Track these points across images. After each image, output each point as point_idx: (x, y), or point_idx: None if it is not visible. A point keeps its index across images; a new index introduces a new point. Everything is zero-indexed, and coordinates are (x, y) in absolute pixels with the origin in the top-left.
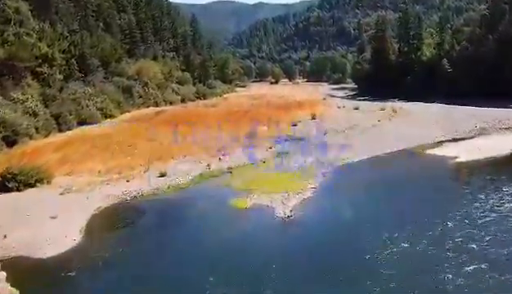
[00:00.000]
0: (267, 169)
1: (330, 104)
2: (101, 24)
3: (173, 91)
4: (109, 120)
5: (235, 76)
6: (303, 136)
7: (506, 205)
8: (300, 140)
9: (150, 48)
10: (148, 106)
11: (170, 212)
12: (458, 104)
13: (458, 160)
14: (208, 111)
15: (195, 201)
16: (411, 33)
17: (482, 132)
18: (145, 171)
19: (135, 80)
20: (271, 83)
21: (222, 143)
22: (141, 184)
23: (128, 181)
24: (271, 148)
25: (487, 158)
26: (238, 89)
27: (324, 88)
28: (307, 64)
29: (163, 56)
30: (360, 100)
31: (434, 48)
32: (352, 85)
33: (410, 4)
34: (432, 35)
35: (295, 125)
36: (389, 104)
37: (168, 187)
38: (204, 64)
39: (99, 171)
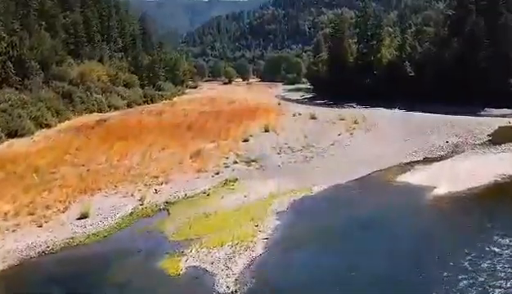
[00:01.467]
0: (210, 205)
1: (285, 111)
2: (44, 24)
3: (119, 95)
4: (44, 130)
5: (187, 77)
6: (254, 157)
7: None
8: (251, 163)
9: (97, 48)
10: (91, 112)
11: (77, 281)
12: (422, 111)
13: (436, 192)
14: (151, 121)
15: (115, 260)
16: (370, 34)
17: (456, 150)
18: (63, 211)
19: (76, 85)
20: (224, 83)
21: (162, 166)
22: (55, 230)
23: (40, 226)
24: (217, 173)
25: (469, 189)
26: (189, 90)
27: (278, 90)
28: (261, 63)
29: (111, 57)
30: (317, 104)
31: (395, 50)
32: (308, 85)
33: (366, 1)
34: (390, 35)
35: (246, 140)
36: (349, 112)
37: (88, 236)
38: (153, 65)
39: (6, 213)
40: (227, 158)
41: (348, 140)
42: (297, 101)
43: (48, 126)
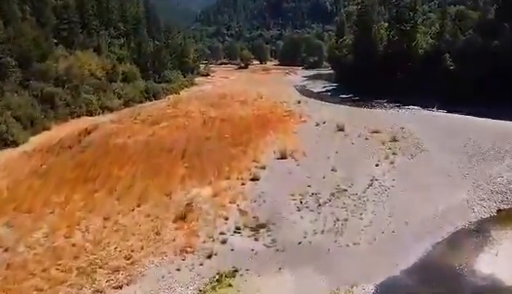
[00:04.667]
0: None
1: (306, 116)
2: (29, 9)
3: (115, 93)
4: (9, 150)
5: (197, 63)
6: (265, 219)
7: None
8: (259, 231)
9: (94, 36)
10: (79, 116)
11: None
12: (467, 113)
13: None
14: (138, 139)
15: None
16: (402, 17)
17: None
18: None
19: (62, 83)
20: (240, 67)
21: (129, 244)
22: None
23: None
24: (209, 256)
25: None
26: (199, 79)
27: (297, 77)
28: (280, 43)
29: (110, 45)
30: (341, 100)
31: (432, 38)
32: (330, 70)
33: None
34: (424, 19)
35: (256, 179)
36: (382, 117)
37: None
38: (158, 52)
39: None
40: (227, 219)
41: (389, 175)
42: (319, 95)
43: (15, 143)
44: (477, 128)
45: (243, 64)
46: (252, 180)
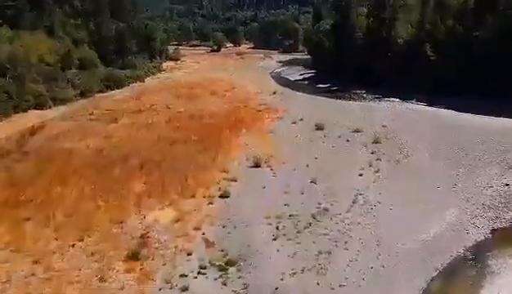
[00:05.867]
0: None
1: (283, 111)
2: None
3: (69, 81)
4: None
5: (166, 46)
6: (235, 253)
7: None
8: (228, 271)
9: (45, 14)
10: (25, 110)
11: None
12: (447, 106)
13: None
14: (90, 143)
15: None
16: (383, 4)
17: None
18: None
19: (1, 74)
20: (213, 51)
21: None
22: None
23: None
24: None
25: None
26: (167, 64)
27: (273, 62)
28: (255, 25)
29: (64, 25)
30: (320, 90)
31: (412, 26)
32: (306, 55)
33: None
34: (401, 5)
35: (226, 196)
36: (362, 113)
37: None
38: (121, 35)
39: None
40: (189, 255)
41: (374, 187)
42: (295, 85)
43: None
44: (461, 125)
45: (215, 47)
46: (221, 196)
